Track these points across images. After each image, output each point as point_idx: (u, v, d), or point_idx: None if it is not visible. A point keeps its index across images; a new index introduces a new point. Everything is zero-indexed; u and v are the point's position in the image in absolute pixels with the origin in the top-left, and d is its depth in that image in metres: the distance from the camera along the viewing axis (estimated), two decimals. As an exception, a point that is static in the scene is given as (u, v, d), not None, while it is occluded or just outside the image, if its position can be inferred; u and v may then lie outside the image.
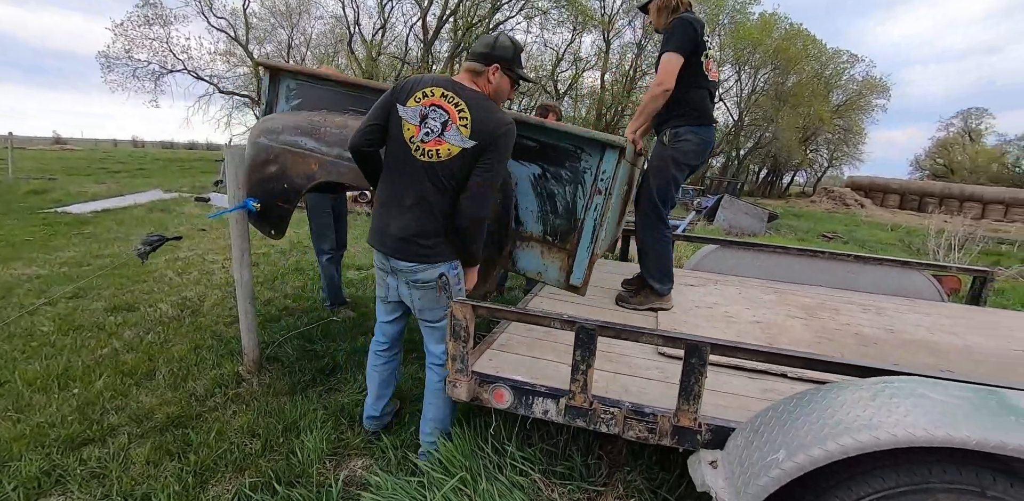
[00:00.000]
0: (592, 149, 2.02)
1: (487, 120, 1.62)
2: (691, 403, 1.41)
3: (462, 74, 1.73)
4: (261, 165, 2.30)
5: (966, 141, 37.99)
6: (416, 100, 1.65)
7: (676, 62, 2.29)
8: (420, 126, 1.64)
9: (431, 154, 1.64)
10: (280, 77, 2.57)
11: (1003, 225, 17.75)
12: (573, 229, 2.11)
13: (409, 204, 1.68)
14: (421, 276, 1.74)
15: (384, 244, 1.75)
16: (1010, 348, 2.45)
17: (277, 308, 3.70)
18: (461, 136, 1.61)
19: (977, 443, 1.09)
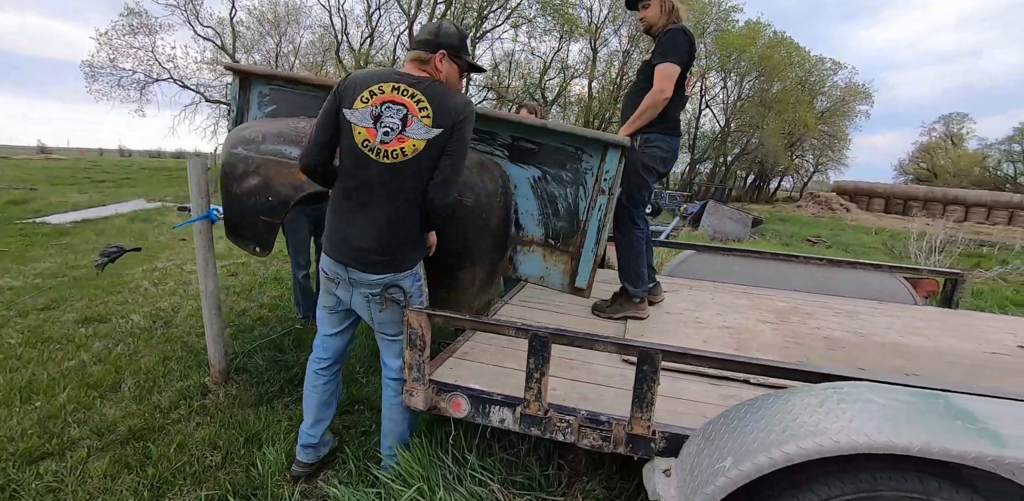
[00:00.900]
0: (594, 150, 2.01)
1: (447, 105, 1.55)
2: (644, 410, 1.40)
3: (408, 65, 1.63)
4: (240, 178, 2.13)
5: (948, 145, 38.61)
6: (364, 100, 1.55)
7: (676, 72, 2.32)
8: (375, 128, 1.54)
9: (395, 154, 1.54)
10: (251, 82, 2.46)
11: (985, 227, 18.01)
12: (575, 231, 2.09)
13: (374, 212, 1.59)
14: (390, 291, 1.67)
15: (345, 254, 1.65)
16: (980, 350, 2.47)
17: (251, 318, 3.66)
18: (424, 127, 1.53)
19: (919, 449, 1.08)
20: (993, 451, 1.07)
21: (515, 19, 19.56)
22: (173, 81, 19.61)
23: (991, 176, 35.92)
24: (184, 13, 18.96)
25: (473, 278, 1.98)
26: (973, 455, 1.07)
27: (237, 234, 2.22)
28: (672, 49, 2.31)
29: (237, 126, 2.30)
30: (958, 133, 38.94)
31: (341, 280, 1.70)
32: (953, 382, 2.01)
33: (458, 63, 1.66)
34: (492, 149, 2.14)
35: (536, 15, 19.45)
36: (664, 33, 2.38)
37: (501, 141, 2.12)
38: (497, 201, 1.97)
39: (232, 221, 2.19)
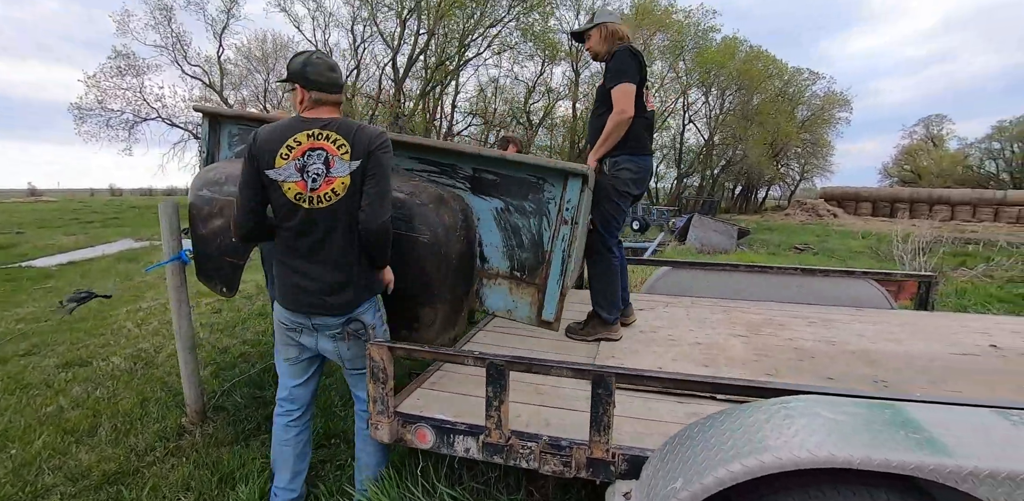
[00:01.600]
0: (554, 179, 1.99)
1: (362, 138, 1.57)
2: (602, 434, 1.40)
3: (315, 109, 1.63)
4: (205, 219, 2.14)
5: (930, 147, 39.37)
6: (284, 157, 1.57)
7: (632, 90, 2.37)
8: (304, 179, 1.56)
9: (327, 197, 1.57)
10: (220, 123, 2.49)
11: (971, 225, 18.22)
12: (541, 262, 2.05)
13: (322, 256, 1.61)
14: (352, 325, 1.69)
15: (303, 303, 1.65)
16: (950, 353, 2.48)
17: (233, 355, 3.64)
18: (346, 163, 1.56)
19: (861, 462, 1.09)
20: (933, 460, 1.09)
21: (497, 46, 20.09)
22: (161, 120, 19.90)
23: (974, 174, 36.53)
24: (172, 53, 19.39)
25: (435, 315, 1.96)
26: (914, 465, 1.08)
27: (206, 275, 2.21)
28: (621, 70, 2.38)
29: (201, 170, 2.33)
30: (938, 135, 39.79)
31: (304, 328, 1.70)
32: (920, 390, 2.03)
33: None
34: (454, 182, 2.15)
35: (518, 41, 19.99)
36: (611, 57, 2.45)
37: (463, 173, 2.13)
38: (457, 235, 1.95)
39: (200, 262, 2.20)
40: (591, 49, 2.60)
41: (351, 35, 19.87)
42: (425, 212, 1.90)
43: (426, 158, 2.15)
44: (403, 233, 1.85)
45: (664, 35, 22.81)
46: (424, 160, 2.15)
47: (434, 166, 2.14)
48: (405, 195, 1.90)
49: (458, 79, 21.45)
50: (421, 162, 2.16)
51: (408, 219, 1.87)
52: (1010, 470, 1.07)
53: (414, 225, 1.87)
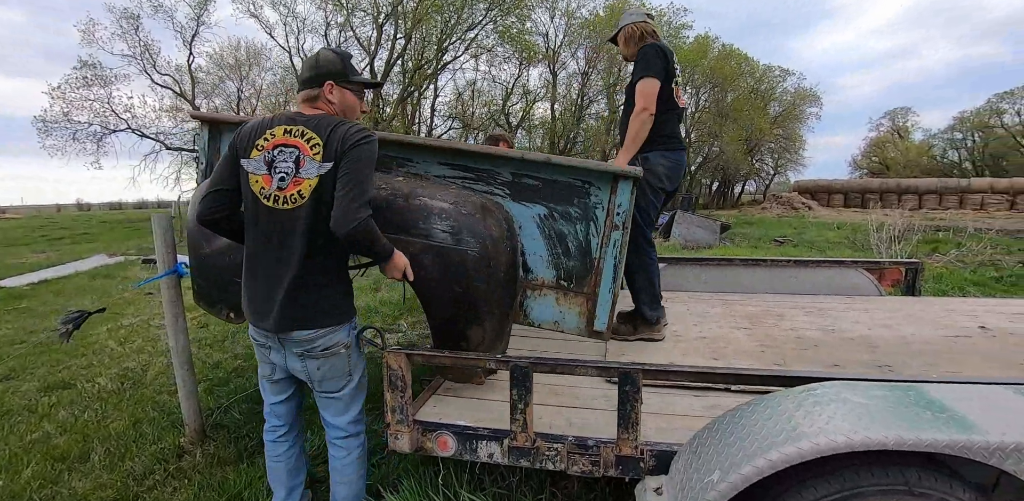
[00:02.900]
0: (602, 182, 1.89)
1: (336, 136, 1.44)
2: (630, 431, 1.40)
3: (300, 105, 1.57)
4: (210, 237, 1.93)
5: (896, 139, 40.69)
6: (259, 149, 1.48)
7: (655, 86, 2.34)
8: (271, 174, 1.45)
9: (292, 200, 1.44)
10: (221, 130, 2.27)
11: (939, 213, 18.89)
12: (589, 270, 1.95)
13: (287, 264, 1.47)
14: (320, 343, 1.52)
15: (266, 316, 1.50)
16: (943, 335, 2.56)
17: (226, 370, 3.54)
18: (316, 164, 1.43)
19: (895, 443, 1.11)
20: (962, 437, 1.11)
21: (474, 49, 20.09)
22: (131, 131, 19.35)
23: (939, 164, 37.88)
24: (140, 63, 18.89)
25: (483, 334, 1.80)
26: (944, 443, 1.11)
27: (208, 299, 2.02)
28: (645, 66, 2.36)
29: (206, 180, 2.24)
30: (904, 126, 41.19)
31: (272, 344, 1.58)
32: (921, 372, 2.08)
33: (349, 88, 1.56)
34: (492, 188, 2.01)
35: (495, 44, 20.03)
36: (637, 55, 2.46)
37: (501, 179, 2.00)
38: (505, 246, 1.81)
39: (202, 285, 1.99)
40: (621, 52, 2.65)
41: (325, 40, 19.66)
42: (472, 223, 1.75)
43: (460, 163, 2.01)
44: (450, 247, 1.71)
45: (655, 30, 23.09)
46: (457, 166, 2.01)
47: (469, 172, 2.01)
48: (449, 204, 1.76)
49: (436, 83, 21.40)
50: (454, 168, 2.01)
51: (455, 232, 1.72)
52: (1036, 444, 1.10)
53: (462, 238, 1.72)
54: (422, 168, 2.03)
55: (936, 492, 1.16)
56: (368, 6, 17.88)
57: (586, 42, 22.85)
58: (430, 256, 1.70)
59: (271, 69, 22.56)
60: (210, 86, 21.49)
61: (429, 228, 1.72)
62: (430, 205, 1.76)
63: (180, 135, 20.42)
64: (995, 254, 8.00)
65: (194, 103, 20.05)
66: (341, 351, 1.56)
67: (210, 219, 1.56)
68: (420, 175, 2.02)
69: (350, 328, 1.59)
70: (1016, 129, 34.87)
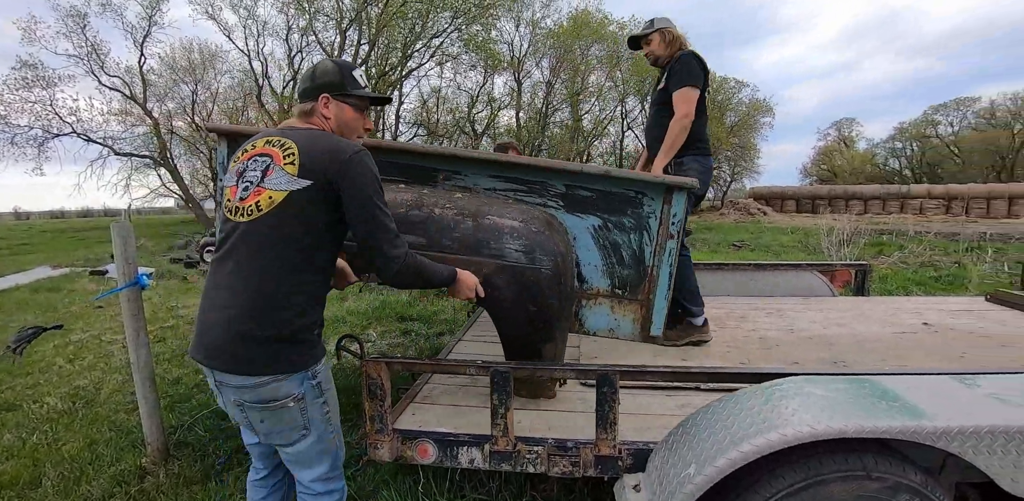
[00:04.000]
0: (655, 193, 1.92)
1: (320, 150, 1.26)
2: (608, 431, 1.44)
3: (295, 119, 1.43)
4: None
5: (842, 147, 43.01)
6: (235, 160, 1.36)
7: (695, 95, 2.41)
8: (237, 185, 1.30)
9: (249, 211, 1.25)
10: (240, 144, 2.23)
11: (883, 217, 20.01)
12: (643, 278, 1.98)
13: (232, 288, 1.23)
14: (260, 393, 1.23)
15: (202, 350, 1.25)
16: (891, 332, 2.73)
17: (187, 386, 3.40)
18: (287, 176, 1.24)
19: (855, 430, 1.19)
20: (914, 423, 1.21)
21: (439, 57, 20.12)
22: (76, 135, 18.35)
23: (881, 171, 40.28)
24: (87, 63, 17.97)
25: (555, 349, 1.78)
26: (898, 429, 1.20)
27: None
28: (688, 74, 2.42)
29: None
30: (849, 136, 43.60)
31: (213, 385, 1.31)
32: (874, 367, 2.22)
33: (349, 103, 1.41)
34: (545, 201, 1.99)
35: (460, 52, 20.12)
36: (676, 61, 2.49)
37: (554, 191, 1.99)
38: (570, 261, 1.81)
39: None
40: (651, 54, 2.64)
41: (287, 45, 19.30)
42: (543, 240, 1.71)
43: (510, 176, 1.98)
44: (524, 266, 1.67)
45: (601, 45, 23.72)
46: (509, 178, 1.98)
47: (521, 184, 1.99)
48: (519, 223, 1.73)
49: (401, 89, 21.29)
50: (506, 180, 1.98)
51: (528, 250, 1.68)
52: (975, 426, 1.21)
53: (535, 256, 1.68)
54: (471, 181, 1.99)
55: (892, 476, 1.25)
56: (331, 11, 17.69)
57: (551, 52, 23.27)
58: (504, 277, 1.65)
59: (228, 72, 21.93)
60: (163, 89, 20.66)
61: (502, 247, 1.67)
62: (500, 224, 1.71)
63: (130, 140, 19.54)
64: (934, 255, 8.56)
65: (145, 106, 19.22)
66: (289, 404, 1.26)
67: None
68: (468, 188, 1.98)
69: (305, 378, 1.28)
70: (949, 139, 37.59)
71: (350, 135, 1.44)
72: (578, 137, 24.24)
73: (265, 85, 20.24)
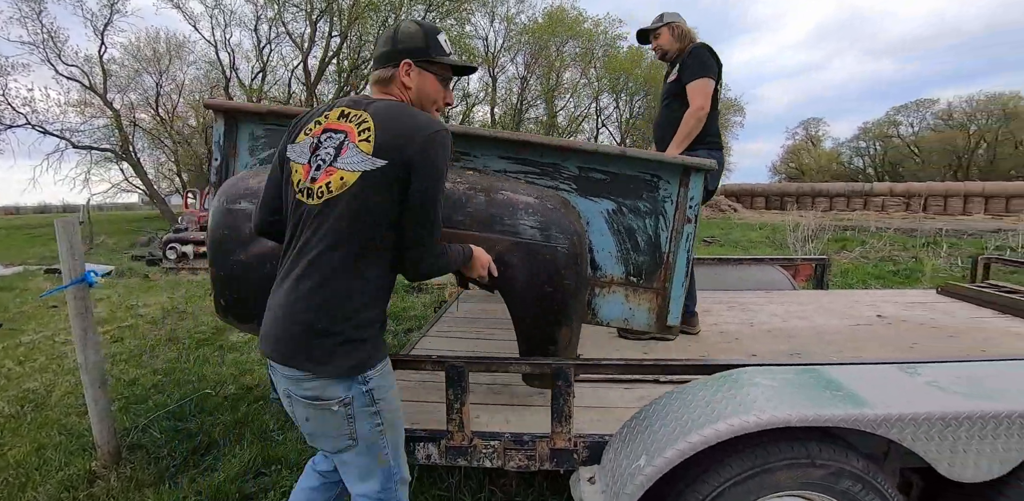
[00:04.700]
0: (670, 175, 1.86)
1: (399, 127, 1.14)
2: (563, 424, 1.44)
3: (371, 88, 1.32)
4: (247, 241, 1.64)
5: (810, 146, 44.26)
6: (307, 132, 1.22)
7: (711, 86, 2.38)
8: (310, 163, 1.19)
9: (319, 192, 1.15)
10: (238, 122, 1.95)
11: (847, 214, 20.66)
12: (659, 265, 1.90)
13: (297, 275, 1.15)
14: (305, 388, 1.16)
15: (262, 338, 1.21)
16: (847, 324, 2.82)
17: (143, 387, 3.29)
18: (361, 155, 1.13)
19: (798, 419, 1.22)
20: (855, 411, 1.24)
21: (412, 50, 19.83)
22: (31, 127, 17.47)
23: (846, 169, 41.60)
24: (43, 51, 17.09)
25: (570, 334, 1.70)
26: (840, 417, 1.23)
27: (239, 313, 1.71)
28: (702, 66, 2.41)
29: (233, 177, 1.81)
30: (816, 135, 44.86)
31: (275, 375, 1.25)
32: (829, 358, 2.29)
33: (432, 72, 1.27)
34: (557, 183, 1.88)
35: (433, 46, 19.87)
36: (687, 54, 2.47)
37: (567, 173, 1.89)
38: (586, 243, 1.73)
39: (232, 297, 1.70)
40: (660, 47, 2.62)
41: (255, 35, 18.74)
42: (559, 218, 1.64)
43: (521, 157, 1.87)
44: (540, 243, 1.59)
45: (576, 42, 23.80)
46: (520, 160, 1.87)
47: (532, 166, 1.88)
48: (535, 199, 1.66)
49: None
50: (517, 162, 1.87)
51: (544, 227, 1.60)
52: (913, 413, 1.25)
53: (551, 233, 1.60)
54: (481, 162, 1.88)
55: (835, 462, 1.28)
56: (301, 1, 17.26)
57: (525, 48, 23.25)
58: (518, 254, 1.57)
59: (194, 63, 21.17)
60: (125, 79, 19.78)
61: (516, 224, 1.59)
62: (515, 199, 1.62)
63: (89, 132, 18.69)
64: (893, 250, 8.88)
65: (106, 97, 18.43)
66: (334, 408, 1.16)
67: (268, 230, 1.33)
68: (478, 170, 1.87)
69: (356, 382, 1.16)
70: (910, 139, 39.05)
71: (429, 108, 1.31)
72: (553, 133, 24.28)
73: (233, 77, 19.65)
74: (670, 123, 2.51)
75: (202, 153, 20.29)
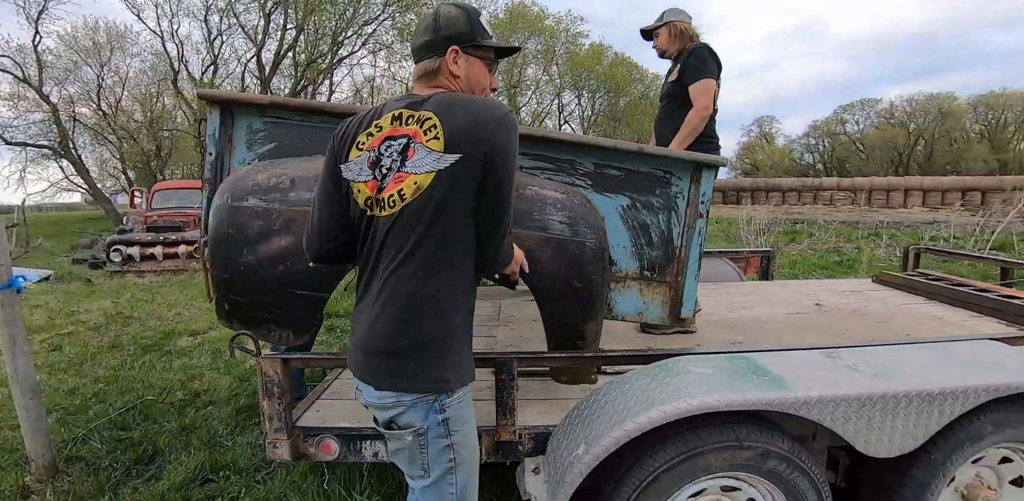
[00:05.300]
0: (682, 172, 1.90)
1: (465, 116, 1.05)
2: (508, 417, 1.47)
3: (415, 85, 1.21)
4: (256, 239, 1.55)
5: (763, 143, 45.95)
6: (360, 146, 1.12)
7: (714, 86, 2.40)
8: (375, 178, 1.09)
9: (392, 202, 1.06)
10: (235, 114, 1.82)
11: (797, 208, 21.57)
12: (672, 259, 1.96)
13: (376, 292, 1.09)
14: (384, 412, 1.10)
15: (349, 357, 1.16)
16: (787, 313, 2.96)
17: (84, 396, 3.14)
18: (432, 154, 1.04)
19: (725, 404, 1.29)
20: (777, 395, 1.32)
21: (372, 45, 19.44)
22: (-44, 122, 16.24)
23: (797, 165, 43.44)
24: (-31, 41, 15.88)
25: (596, 329, 1.70)
26: (764, 401, 1.31)
27: (249, 318, 1.63)
28: (703, 67, 2.42)
29: (239, 171, 1.72)
30: (769, 132, 46.60)
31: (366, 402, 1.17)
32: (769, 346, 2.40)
33: (479, 56, 1.18)
34: (573, 179, 1.87)
35: (394, 41, 19.52)
36: (688, 54, 2.48)
37: (583, 169, 1.89)
38: (607, 237, 1.74)
39: (239, 299, 1.60)
40: (658, 47, 2.63)
41: (205, 27, 17.95)
42: (585, 213, 1.66)
43: (538, 153, 1.85)
44: (568, 239, 1.60)
45: (537, 39, 23.88)
46: (535, 155, 1.85)
47: (549, 162, 1.87)
48: (562, 194, 1.66)
49: (332, 78, 20.44)
50: (533, 158, 1.84)
51: (572, 222, 1.62)
52: (832, 395, 1.34)
53: (579, 229, 1.62)
54: None
55: (761, 444, 1.36)
56: (254, -9, 16.65)
57: (487, 44, 23.14)
58: (548, 250, 1.58)
59: (139, 54, 20.10)
60: (62, 71, 18.60)
61: (545, 219, 1.60)
62: (544, 195, 1.63)
63: (23, 128, 17.52)
64: (838, 242, 9.35)
65: (41, 90, 17.30)
66: (407, 438, 1.09)
67: (328, 257, 1.22)
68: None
69: (431, 410, 1.08)
70: (856, 136, 41.13)
71: (478, 95, 1.22)
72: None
73: (182, 70, 18.79)
74: (671, 120, 2.57)
75: (148, 150, 19.37)
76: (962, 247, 7.82)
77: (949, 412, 1.41)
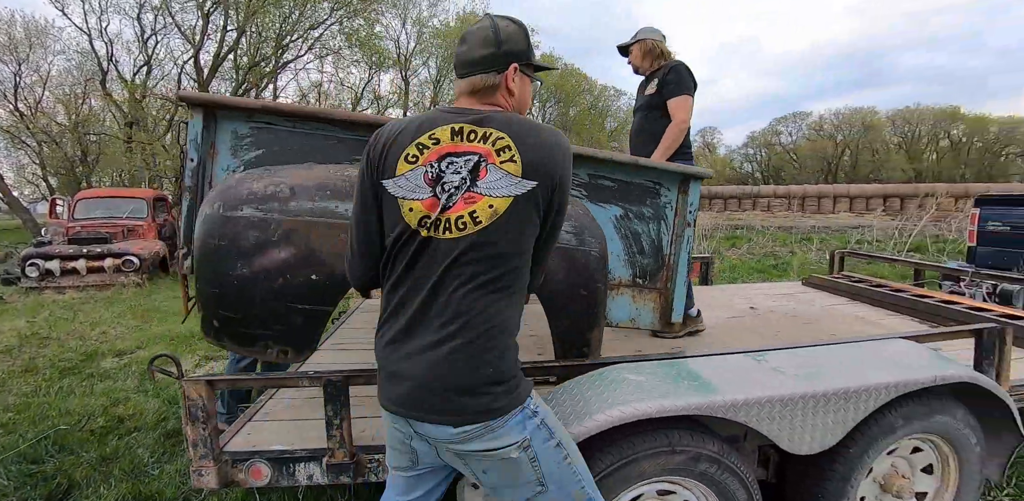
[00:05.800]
0: (671, 183, 1.97)
1: (537, 143, 1.03)
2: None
3: (462, 99, 1.13)
4: (252, 251, 1.47)
5: (707, 153, 48.14)
6: (410, 160, 1.04)
7: (691, 102, 2.52)
8: (436, 196, 1.02)
9: (461, 224, 1.00)
10: (218, 118, 1.71)
11: (738, 214, 22.68)
12: (662, 266, 2.04)
13: (440, 323, 1.01)
14: (489, 443, 1.02)
15: (401, 401, 1.03)
16: (725, 317, 3.09)
17: (-11, 426, 2.86)
18: (509, 177, 1.00)
19: (657, 411, 1.33)
20: (706, 400, 1.37)
21: (319, 50, 18.96)
22: None
23: (738, 174, 45.79)
24: None
25: (600, 335, 1.72)
26: (694, 406, 1.36)
27: (241, 334, 1.53)
28: (681, 83, 2.54)
29: (230, 179, 1.62)
30: (712, 142, 48.89)
31: (411, 435, 1.08)
32: (707, 350, 2.50)
33: (529, 74, 1.16)
34: None
35: (341, 46, 19.12)
36: (669, 71, 2.59)
37: (578, 180, 1.93)
38: (606, 246, 1.77)
39: (230, 315, 1.51)
40: (632, 63, 2.74)
41: (138, 25, 16.97)
42: (588, 222, 1.70)
43: None
44: (574, 248, 1.63)
45: (485, 48, 24.02)
46: None
47: None
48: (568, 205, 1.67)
49: (276, 82, 19.77)
50: None
51: (578, 232, 1.65)
52: (757, 397, 1.40)
53: (584, 238, 1.65)
54: None
55: (693, 448, 1.41)
56: (191, -10, 15.90)
57: (438, 51, 23.13)
58: (556, 259, 1.56)
59: (62, 52, 18.72)
60: (-26, 68, 17.08)
61: None
62: None
63: (-75, 132, 15.94)
64: (774, 246, 9.89)
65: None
66: (512, 455, 1.02)
67: (372, 284, 1.15)
68: None
69: (525, 417, 1.04)
70: (790, 146, 43.92)
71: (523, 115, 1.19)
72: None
73: (111, 70, 17.65)
74: (648, 132, 2.71)
75: (72, 155, 18.04)
76: (883, 250, 8.46)
77: (864, 408, 1.51)
